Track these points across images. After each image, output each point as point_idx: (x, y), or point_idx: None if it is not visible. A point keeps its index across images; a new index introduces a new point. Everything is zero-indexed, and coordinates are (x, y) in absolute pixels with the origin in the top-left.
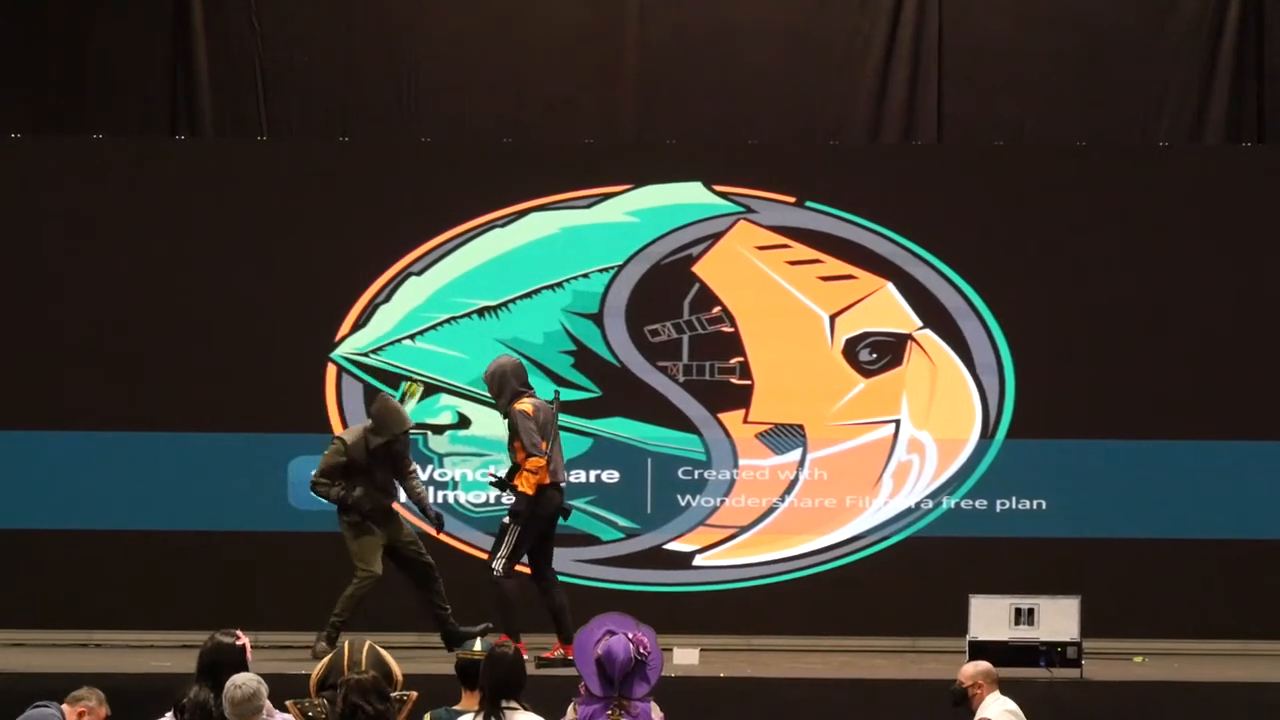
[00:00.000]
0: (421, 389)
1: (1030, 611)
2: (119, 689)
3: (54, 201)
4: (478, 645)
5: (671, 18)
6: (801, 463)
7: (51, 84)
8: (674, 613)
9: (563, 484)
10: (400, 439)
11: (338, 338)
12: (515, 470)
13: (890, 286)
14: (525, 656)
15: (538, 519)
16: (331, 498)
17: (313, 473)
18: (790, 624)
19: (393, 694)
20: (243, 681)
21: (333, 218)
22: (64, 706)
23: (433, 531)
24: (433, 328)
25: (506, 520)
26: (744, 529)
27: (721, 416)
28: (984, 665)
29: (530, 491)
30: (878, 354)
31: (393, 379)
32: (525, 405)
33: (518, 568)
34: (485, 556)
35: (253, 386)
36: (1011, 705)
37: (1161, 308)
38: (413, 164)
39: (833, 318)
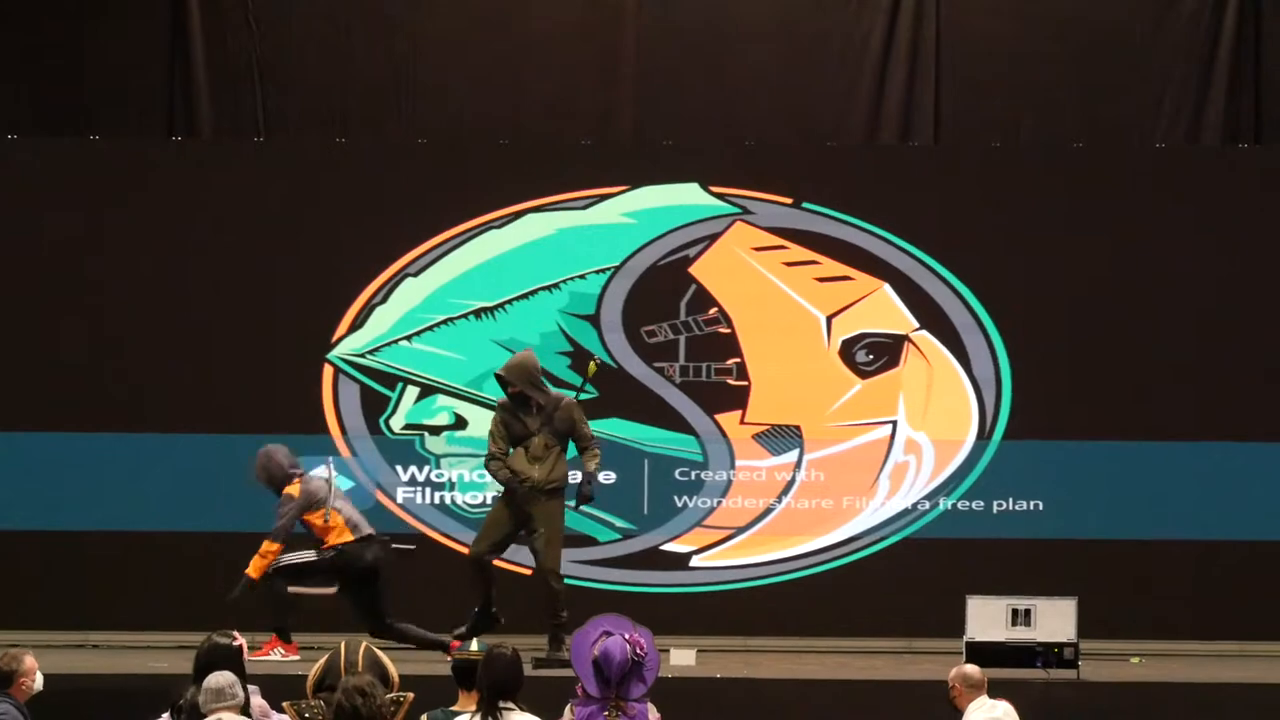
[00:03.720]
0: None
1: (1027, 612)
2: (116, 689)
3: (52, 202)
4: (474, 645)
5: (668, 19)
6: (798, 464)
7: (49, 85)
8: (671, 614)
9: (371, 532)
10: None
11: (335, 339)
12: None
13: (887, 288)
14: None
15: (339, 570)
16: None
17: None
18: (787, 625)
19: (389, 695)
20: (221, 672)
21: (330, 219)
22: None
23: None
24: (430, 329)
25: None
26: (741, 530)
27: (718, 417)
28: (966, 669)
29: (255, 575)
30: (874, 355)
31: (390, 380)
32: (292, 488)
33: None
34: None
35: (250, 387)
36: (999, 713)
37: (1159, 308)
38: (409, 165)
39: (829, 319)
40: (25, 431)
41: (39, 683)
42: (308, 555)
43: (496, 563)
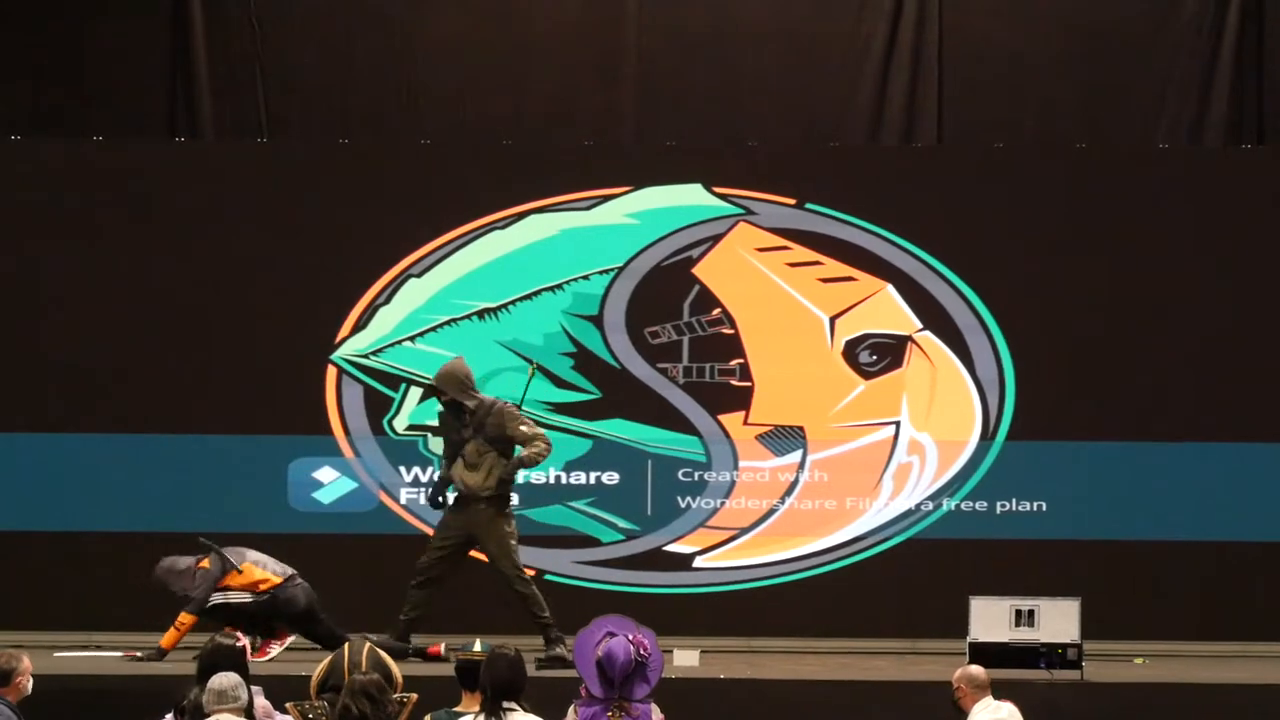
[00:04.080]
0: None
1: (1030, 613)
2: (119, 690)
3: (53, 203)
4: (477, 646)
5: (671, 19)
6: (802, 464)
7: (51, 85)
8: (674, 614)
9: (287, 574)
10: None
11: (338, 339)
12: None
13: (890, 288)
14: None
15: (274, 615)
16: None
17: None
18: (790, 626)
19: (393, 695)
20: (226, 673)
21: (333, 219)
22: None
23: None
24: (433, 329)
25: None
26: (744, 531)
27: (722, 418)
28: (970, 669)
29: (168, 646)
30: (878, 355)
31: (393, 381)
32: (204, 563)
33: None
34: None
35: (253, 388)
36: (1004, 714)
37: (1161, 309)
38: (413, 166)
39: (833, 319)
40: (26, 433)
41: (30, 684)
42: (243, 596)
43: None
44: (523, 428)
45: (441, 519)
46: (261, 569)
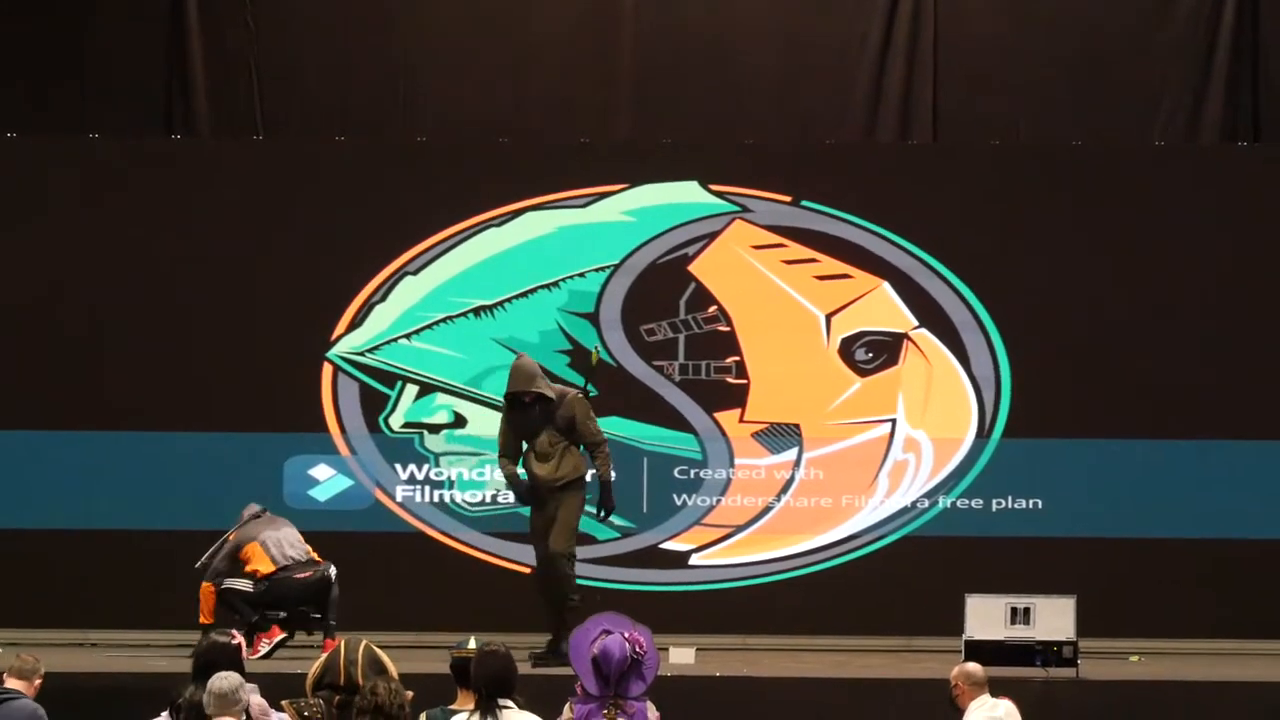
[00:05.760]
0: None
1: (1026, 611)
2: (115, 688)
3: (50, 201)
4: (471, 644)
5: (667, 18)
6: (797, 462)
7: (48, 83)
8: (670, 612)
9: (290, 560)
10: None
11: (334, 337)
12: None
13: (886, 286)
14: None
15: (275, 603)
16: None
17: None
18: (786, 623)
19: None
20: (227, 674)
21: (328, 217)
22: (17, 682)
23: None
24: (429, 327)
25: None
26: (740, 528)
27: (717, 416)
28: (968, 667)
29: (209, 619)
30: (873, 353)
31: (389, 378)
32: (232, 534)
33: None
34: (480, 555)
35: (249, 385)
36: (1000, 712)
37: (1157, 306)
38: (409, 163)
39: (828, 317)
40: (22, 430)
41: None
42: (245, 584)
43: (498, 562)
44: (591, 426)
45: (530, 520)
46: (264, 553)
